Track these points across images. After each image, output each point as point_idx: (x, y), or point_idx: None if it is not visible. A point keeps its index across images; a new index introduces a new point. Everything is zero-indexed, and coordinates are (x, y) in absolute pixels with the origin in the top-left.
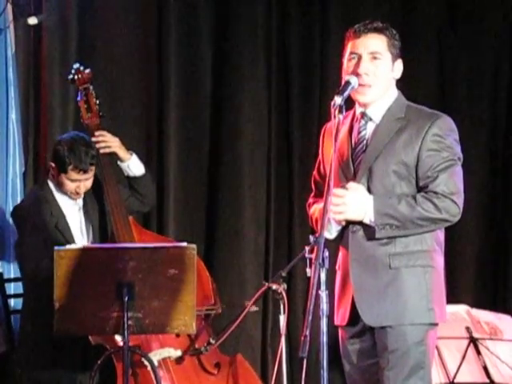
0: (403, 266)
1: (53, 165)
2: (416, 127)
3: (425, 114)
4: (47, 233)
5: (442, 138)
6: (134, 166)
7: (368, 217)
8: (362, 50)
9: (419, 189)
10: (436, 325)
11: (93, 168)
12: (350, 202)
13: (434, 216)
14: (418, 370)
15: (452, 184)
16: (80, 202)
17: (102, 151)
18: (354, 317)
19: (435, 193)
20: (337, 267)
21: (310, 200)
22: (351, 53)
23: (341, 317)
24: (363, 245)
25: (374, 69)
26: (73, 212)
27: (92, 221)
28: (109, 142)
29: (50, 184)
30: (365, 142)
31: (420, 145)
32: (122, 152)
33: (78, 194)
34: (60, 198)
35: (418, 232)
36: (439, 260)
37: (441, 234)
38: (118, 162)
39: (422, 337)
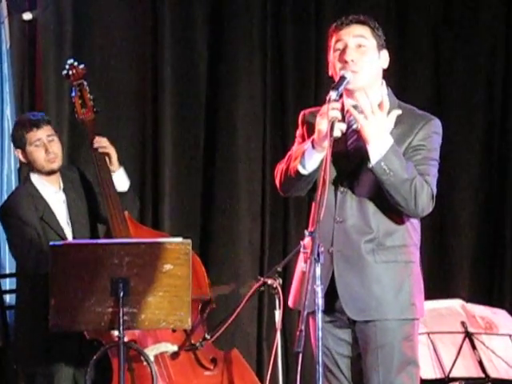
0: (387, 261)
1: (17, 150)
2: (409, 123)
3: (417, 113)
4: (33, 226)
5: (431, 138)
6: (119, 179)
7: (379, 145)
8: (347, 38)
9: None
10: (418, 319)
11: (48, 126)
12: (380, 120)
13: (421, 194)
14: (407, 365)
15: (434, 186)
16: (62, 195)
17: (100, 150)
18: (331, 305)
19: (425, 181)
20: (303, 258)
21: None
22: (336, 43)
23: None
24: (350, 236)
25: (359, 56)
26: (57, 204)
27: (73, 218)
28: (108, 146)
29: (33, 178)
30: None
31: (411, 140)
32: (114, 159)
33: (50, 154)
34: (44, 190)
35: (394, 196)
36: (418, 255)
37: (419, 228)
38: None
39: (409, 332)
